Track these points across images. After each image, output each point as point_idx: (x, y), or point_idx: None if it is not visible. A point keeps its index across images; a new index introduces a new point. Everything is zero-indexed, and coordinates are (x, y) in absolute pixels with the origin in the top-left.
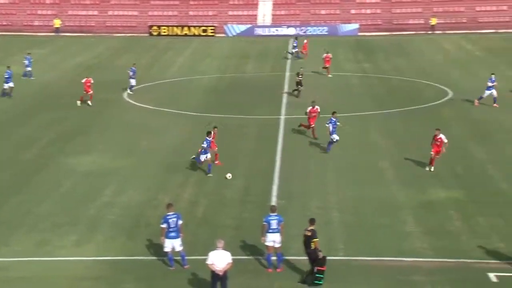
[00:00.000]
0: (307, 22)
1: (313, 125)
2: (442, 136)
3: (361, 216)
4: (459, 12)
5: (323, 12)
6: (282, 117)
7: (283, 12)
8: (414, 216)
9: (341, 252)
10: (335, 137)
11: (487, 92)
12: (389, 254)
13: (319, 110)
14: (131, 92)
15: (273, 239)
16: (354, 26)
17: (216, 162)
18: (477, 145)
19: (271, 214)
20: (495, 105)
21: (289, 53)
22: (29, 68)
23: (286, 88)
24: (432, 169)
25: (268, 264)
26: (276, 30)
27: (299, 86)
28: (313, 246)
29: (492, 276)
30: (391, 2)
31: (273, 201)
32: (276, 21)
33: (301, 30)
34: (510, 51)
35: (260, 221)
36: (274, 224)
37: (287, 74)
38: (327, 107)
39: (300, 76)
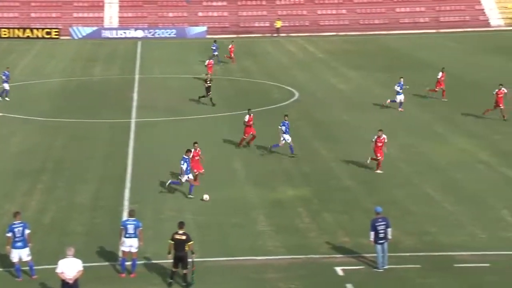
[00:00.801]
0: (155, 24)
1: (254, 134)
2: (384, 136)
3: (214, 217)
4: (302, 15)
5: (170, 14)
6: (133, 121)
7: (130, 15)
8: (266, 215)
9: (196, 252)
10: (288, 138)
11: (399, 97)
12: (242, 254)
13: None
14: (7, 99)
15: (130, 244)
16: (202, 28)
17: (195, 182)
18: (322, 144)
19: (129, 218)
20: (400, 109)
21: (218, 58)
22: None
23: (136, 91)
24: (379, 171)
25: (121, 269)
26: (124, 32)
27: (209, 93)
28: (187, 248)
29: (339, 270)
30: (238, 5)
31: (125, 205)
32: (124, 24)
33: (149, 33)
34: (350, 53)
35: (112, 226)
36: (131, 229)
37: (137, 77)
38: (178, 110)
39: (208, 82)
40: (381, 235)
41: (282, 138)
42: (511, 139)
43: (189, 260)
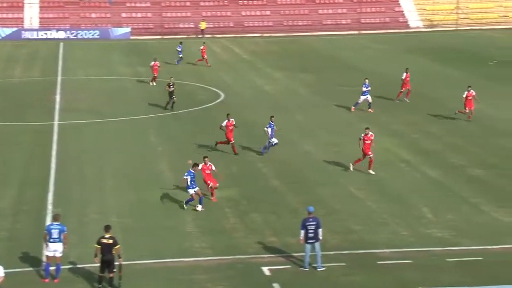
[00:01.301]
0: (78, 25)
1: (232, 141)
2: (372, 133)
3: (141, 219)
4: (226, 16)
5: (93, 15)
6: (56, 123)
7: (51, 15)
8: (193, 216)
9: (122, 256)
10: (275, 140)
11: (362, 98)
12: (170, 256)
13: (234, 122)
14: None
15: (54, 249)
16: (126, 29)
17: (212, 197)
18: (249, 145)
19: (53, 223)
20: (370, 110)
21: (179, 59)
22: None
23: (58, 93)
24: (372, 172)
25: (45, 274)
26: (45, 33)
27: (174, 97)
28: (114, 252)
29: (266, 269)
30: (161, 6)
31: (49, 209)
32: (45, 25)
33: (72, 34)
34: (275, 54)
35: (35, 231)
36: (55, 233)
37: (59, 78)
38: (102, 112)
39: (171, 86)
40: (311, 235)
41: (268, 139)
42: (432, 138)
43: (116, 263)
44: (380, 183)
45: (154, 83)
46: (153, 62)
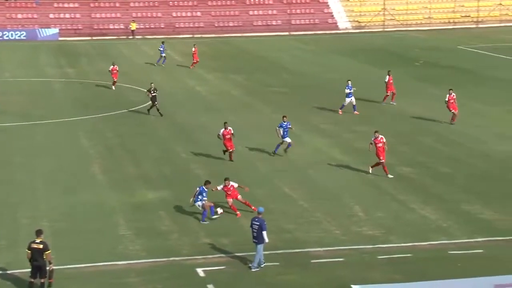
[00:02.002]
0: (3, 26)
1: (230, 150)
2: (382, 135)
3: (73, 223)
4: (157, 17)
5: (20, 16)
6: None
7: None
8: (126, 219)
9: (54, 260)
10: (288, 139)
11: (347, 100)
12: (102, 259)
13: (232, 131)
14: None
15: None
16: (54, 30)
17: (237, 213)
18: (182, 146)
19: None
20: (355, 112)
21: (161, 58)
22: None
23: None
24: (390, 175)
25: None
26: None
27: (156, 103)
28: (45, 258)
29: (200, 271)
30: (90, 7)
31: None
32: None
33: None
34: (206, 55)
35: None
36: None
37: None
38: (30, 114)
39: (153, 91)
40: (254, 235)
41: (281, 139)
42: (362, 137)
43: (47, 268)
44: (312, 182)
45: (113, 88)
46: (111, 66)
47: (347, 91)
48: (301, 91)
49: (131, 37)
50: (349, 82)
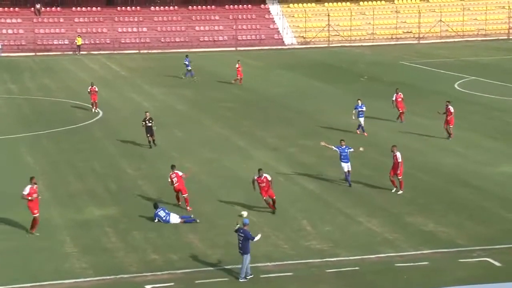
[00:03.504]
0: None
1: (265, 197)
2: (398, 153)
3: (16, 241)
4: (102, 33)
5: None
6: None
7: None
8: (72, 236)
9: None
10: (348, 166)
11: (361, 119)
12: (48, 278)
13: (269, 178)
14: None
15: None
16: None
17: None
18: (128, 162)
19: None
20: (365, 133)
21: (187, 72)
22: None
23: None
24: (400, 192)
25: None
26: None
27: (152, 137)
28: None
29: (149, 287)
30: (33, 22)
31: None
32: None
33: None
34: (152, 71)
35: None
36: None
37: None
38: None
39: (148, 121)
40: (239, 245)
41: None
42: (307, 151)
43: None
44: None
45: (95, 110)
46: (90, 87)
47: (358, 109)
48: (248, 106)
49: (76, 52)
50: (359, 101)
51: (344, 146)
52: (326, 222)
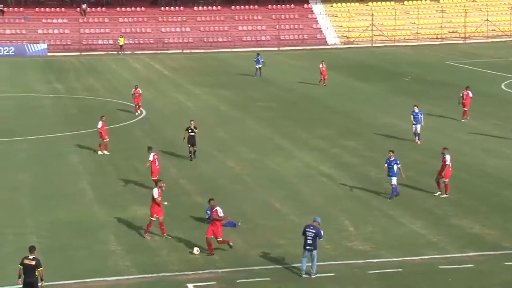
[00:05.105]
0: None
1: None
2: (447, 156)
3: (61, 239)
4: (146, 33)
5: (8, 32)
6: None
7: None
8: (115, 234)
9: (44, 278)
10: (393, 180)
11: (418, 127)
12: (91, 275)
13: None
14: None
15: None
16: (43, 46)
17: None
18: (171, 161)
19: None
20: (419, 142)
21: (257, 71)
22: None
23: None
24: (445, 195)
25: None
26: None
27: (194, 146)
28: (37, 275)
29: (191, 286)
30: (79, 23)
31: None
32: None
33: None
34: (195, 71)
35: None
36: None
37: None
38: (13, 130)
39: (191, 130)
40: (309, 241)
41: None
42: (350, 152)
43: (39, 285)
44: (302, 197)
45: (137, 112)
46: (134, 89)
47: (415, 116)
48: (289, 106)
49: (119, 52)
50: (416, 107)
51: (393, 159)
52: (369, 223)
